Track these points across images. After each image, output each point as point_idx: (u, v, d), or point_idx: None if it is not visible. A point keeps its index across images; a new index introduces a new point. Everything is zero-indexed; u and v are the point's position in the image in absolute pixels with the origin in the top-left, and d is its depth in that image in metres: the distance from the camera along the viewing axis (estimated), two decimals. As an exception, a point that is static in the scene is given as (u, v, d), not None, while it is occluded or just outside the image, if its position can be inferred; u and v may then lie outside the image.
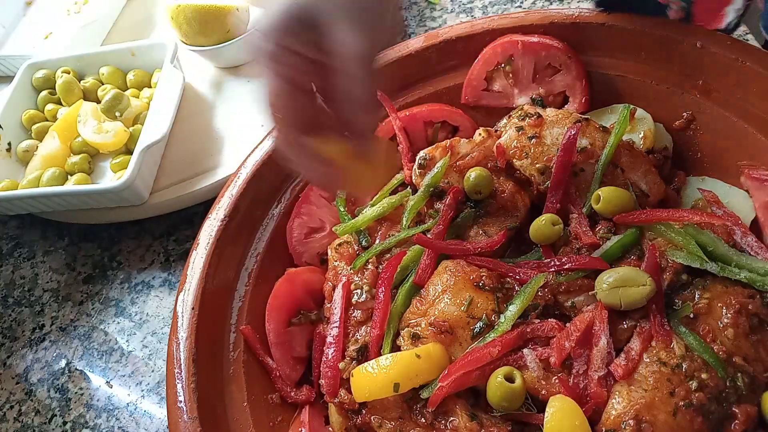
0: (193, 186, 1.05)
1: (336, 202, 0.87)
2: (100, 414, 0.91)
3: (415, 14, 1.27)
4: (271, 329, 0.77)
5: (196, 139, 1.13)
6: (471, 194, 0.76)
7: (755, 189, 0.76)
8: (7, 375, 0.99)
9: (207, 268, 0.77)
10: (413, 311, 0.69)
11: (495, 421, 0.64)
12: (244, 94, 1.19)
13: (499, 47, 0.88)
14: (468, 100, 0.91)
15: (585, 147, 0.75)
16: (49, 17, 1.43)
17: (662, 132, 0.84)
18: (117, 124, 1.11)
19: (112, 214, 1.07)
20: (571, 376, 0.63)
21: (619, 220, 0.70)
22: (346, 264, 0.78)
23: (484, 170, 0.76)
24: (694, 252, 0.65)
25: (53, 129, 1.14)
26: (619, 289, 0.63)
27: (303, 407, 0.75)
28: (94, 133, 1.11)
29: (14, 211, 1.10)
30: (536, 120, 0.78)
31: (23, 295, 1.08)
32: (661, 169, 0.80)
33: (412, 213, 0.78)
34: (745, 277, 0.64)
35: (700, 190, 0.78)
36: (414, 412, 0.65)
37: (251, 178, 0.84)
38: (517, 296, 0.67)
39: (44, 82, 1.22)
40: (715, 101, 0.80)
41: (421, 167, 0.81)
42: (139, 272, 1.06)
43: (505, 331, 0.65)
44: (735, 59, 0.77)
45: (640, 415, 0.59)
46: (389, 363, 0.64)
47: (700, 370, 0.60)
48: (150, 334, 0.98)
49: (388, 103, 0.89)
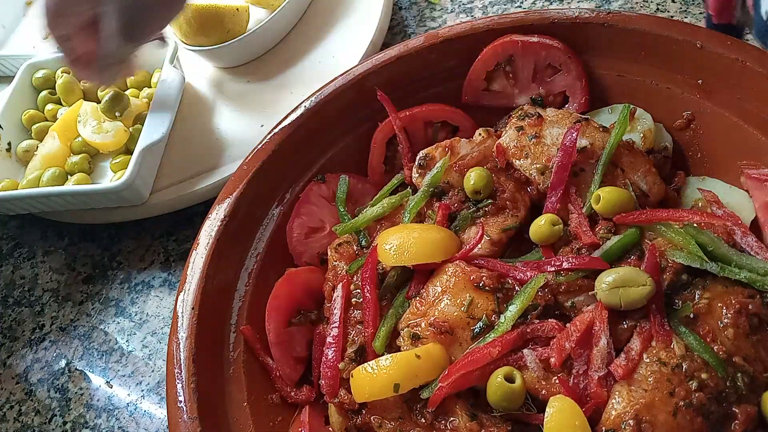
0: (193, 186, 1.05)
1: (336, 202, 0.87)
2: (100, 414, 0.91)
3: (415, 14, 1.27)
4: (271, 329, 0.77)
5: (196, 139, 1.13)
6: (471, 194, 0.76)
7: (755, 189, 0.76)
8: (7, 375, 0.99)
9: (207, 268, 0.77)
10: (413, 312, 0.69)
11: (495, 421, 0.64)
12: (244, 94, 1.19)
13: (499, 47, 0.88)
14: (468, 100, 0.91)
15: (585, 147, 0.75)
16: (49, 17, 1.43)
17: (662, 132, 0.84)
18: (117, 124, 1.11)
19: (112, 214, 1.07)
20: (571, 376, 0.63)
21: (619, 220, 0.70)
22: (346, 264, 0.78)
23: (484, 170, 0.76)
24: (694, 252, 0.65)
25: (53, 129, 1.14)
26: (619, 289, 0.63)
27: (303, 407, 0.75)
28: (93, 133, 1.11)
29: (14, 211, 1.10)
30: (536, 120, 0.78)
31: (23, 295, 1.09)
32: (661, 169, 0.80)
33: (412, 213, 0.78)
34: (745, 277, 0.64)
35: (700, 190, 0.78)
36: (414, 412, 0.65)
37: (251, 178, 0.84)
38: (517, 296, 0.67)
39: (44, 82, 1.22)
40: (715, 101, 0.80)
41: (421, 167, 0.81)
42: (139, 272, 1.06)
43: (505, 332, 0.65)
44: (735, 59, 0.77)
45: (640, 415, 0.59)
46: (389, 363, 0.64)
47: (700, 370, 0.60)
48: (150, 334, 0.98)
49: (388, 103, 0.89)
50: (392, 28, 1.25)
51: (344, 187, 0.88)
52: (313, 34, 1.24)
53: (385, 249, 0.71)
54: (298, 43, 1.24)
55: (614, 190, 0.71)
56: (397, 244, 0.71)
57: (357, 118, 0.91)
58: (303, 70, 1.18)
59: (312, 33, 1.24)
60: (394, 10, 1.27)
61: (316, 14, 1.27)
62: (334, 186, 0.89)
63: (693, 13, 1.10)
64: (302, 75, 1.18)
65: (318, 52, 1.20)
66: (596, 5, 1.17)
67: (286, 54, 1.22)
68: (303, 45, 1.23)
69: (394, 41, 1.22)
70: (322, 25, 1.24)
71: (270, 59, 1.23)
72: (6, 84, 1.23)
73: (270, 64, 1.22)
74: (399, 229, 0.74)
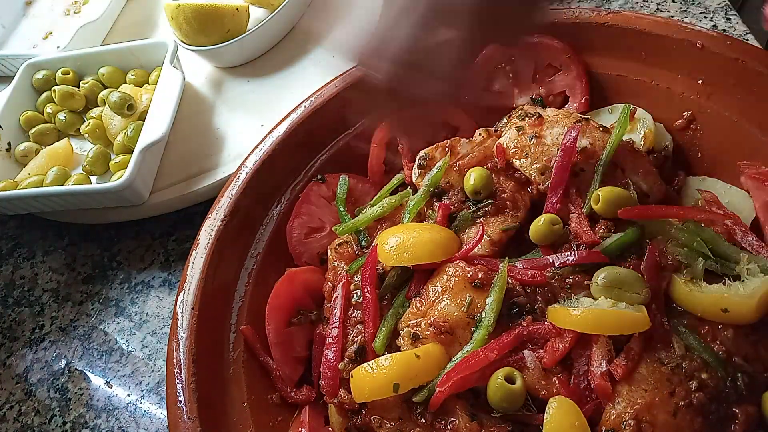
0: (193, 186, 1.05)
1: (336, 202, 0.87)
2: (100, 414, 0.91)
3: (415, 14, 1.27)
4: (271, 329, 0.77)
5: (196, 139, 1.13)
6: (471, 194, 0.76)
7: (755, 189, 0.76)
8: (7, 375, 0.99)
9: (207, 268, 0.77)
10: (413, 312, 0.69)
11: (495, 422, 0.64)
12: (244, 94, 1.19)
13: (499, 47, 0.88)
14: (468, 100, 0.91)
15: (585, 147, 0.75)
16: (49, 17, 1.43)
17: (662, 132, 0.84)
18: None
19: (112, 214, 1.07)
20: (572, 376, 0.63)
21: (622, 215, 0.70)
22: (345, 264, 0.78)
23: (484, 170, 0.76)
24: (697, 248, 0.65)
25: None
26: (614, 290, 0.63)
27: (303, 407, 0.75)
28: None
29: (14, 211, 1.10)
30: (536, 120, 0.78)
31: (23, 295, 1.08)
32: (661, 169, 0.80)
33: (412, 213, 0.78)
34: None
35: (699, 190, 0.78)
36: (414, 412, 0.65)
37: (251, 178, 0.84)
38: (491, 288, 0.67)
39: (44, 83, 1.22)
40: (715, 101, 0.80)
41: (421, 167, 0.81)
42: (139, 272, 1.06)
43: (490, 325, 0.65)
44: (735, 59, 0.77)
45: (640, 415, 0.59)
46: (389, 363, 0.64)
47: (700, 370, 0.60)
48: (150, 334, 0.98)
49: (388, 103, 0.89)
50: (392, 28, 1.25)
51: (344, 187, 0.88)
52: (313, 34, 1.24)
53: (385, 249, 0.71)
54: (298, 43, 1.24)
55: (614, 190, 0.71)
56: (397, 244, 0.71)
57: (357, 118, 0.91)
58: (303, 70, 1.18)
59: (312, 33, 1.24)
60: (394, 10, 1.27)
61: (316, 14, 1.27)
62: (334, 186, 0.89)
63: (693, 13, 1.10)
64: (302, 75, 1.18)
65: (318, 52, 1.20)
66: (596, 5, 1.17)
67: (286, 54, 1.22)
68: (303, 45, 1.23)
69: (394, 41, 1.22)
70: (322, 25, 1.24)
71: (270, 59, 1.23)
72: (6, 84, 1.23)
73: (270, 64, 1.22)
74: (399, 229, 0.74)
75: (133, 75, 1.21)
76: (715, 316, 0.62)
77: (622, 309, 0.61)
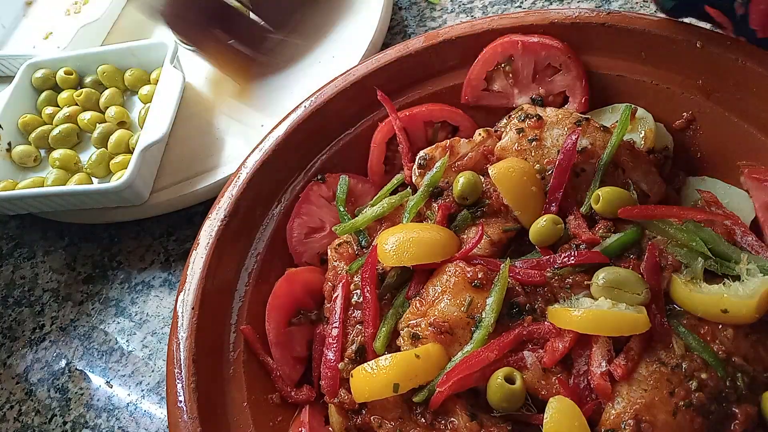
0: (193, 186, 1.05)
1: (336, 202, 0.87)
2: (100, 414, 0.91)
3: (415, 14, 1.27)
4: (271, 329, 0.77)
5: (196, 139, 1.13)
6: (458, 200, 0.76)
7: (755, 189, 0.76)
8: (7, 375, 0.99)
9: (207, 268, 0.77)
10: (413, 312, 0.69)
11: (495, 421, 0.64)
12: (244, 94, 1.19)
13: (499, 47, 0.88)
14: (468, 100, 0.91)
15: (585, 147, 0.75)
16: (49, 17, 1.43)
17: (663, 132, 0.84)
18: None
19: (112, 214, 1.07)
20: (572, 376, 0.63)
21: (623, 214, 0.70)
22: (345, 264, 0.78)
23: (473, 175, 0.76)
24: (697, 248, 0.65)
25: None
26: (614, 290, 0.63)
27: (303, 407, 0.75)
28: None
29: (14, 211, 1.10)
30: (536, 122, 0.78)
31: (23, 295, 1.09)
32: (661, 169, 0.80)
33: (412, 213, 0.78)
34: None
35: (699, 190, 0.78)
36: (414, 412, 0.65)
37: (251, 178, 0.84)
38: (492, 289, 0.67)
39: (44, 82, 1.22)
40: (715, 101, 0.80)
41: (421, 167, 0.81)
42: (139, 272, 1.06)
43: (490, 325, 0.65)
44: (735, 59, 0.77)
45: (639, 415, 0.59)
46: (389, 363, 0.64)
47: (699, 369, 0.60)
48: (150, 334, 0.98)
49: (388, 103, 0.89)
50: (392, 28, 1.25)
51: (344, 187, 0.88)
52: (313, 34, 1.24)
53: (384, 249, 0.71)
54: (298, 43, 1.24)
55: (614, 190, 0.71)
56: (397, 244, 0.71)
57: (357, 118, 0.91)
58: (303, 70, 1.19)
59: (312, 33, 1.24)
60: (394, 10, 1.27)
61: (316, 14, 1.27)
62: (334, 186, 0.89)
63: (693, 13, 1.10)
64: (302, 75, 1.18)
65: (318, 52, 1.20)
66: (596, 5, 1.17)
67: (286, 54, 1.23)
68: (303, 45, 1.23)
69: (394, 41, 1.22)
70: (322, 25, 1.24)
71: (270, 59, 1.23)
72: (6, 84, 1.23)
73: (270, 64, 1.22)
74: (399, 229, 0.74)
75: (131, 74, 1.20)
76: (715, 317, 0.62)
77: (622, 310, 0.61)
